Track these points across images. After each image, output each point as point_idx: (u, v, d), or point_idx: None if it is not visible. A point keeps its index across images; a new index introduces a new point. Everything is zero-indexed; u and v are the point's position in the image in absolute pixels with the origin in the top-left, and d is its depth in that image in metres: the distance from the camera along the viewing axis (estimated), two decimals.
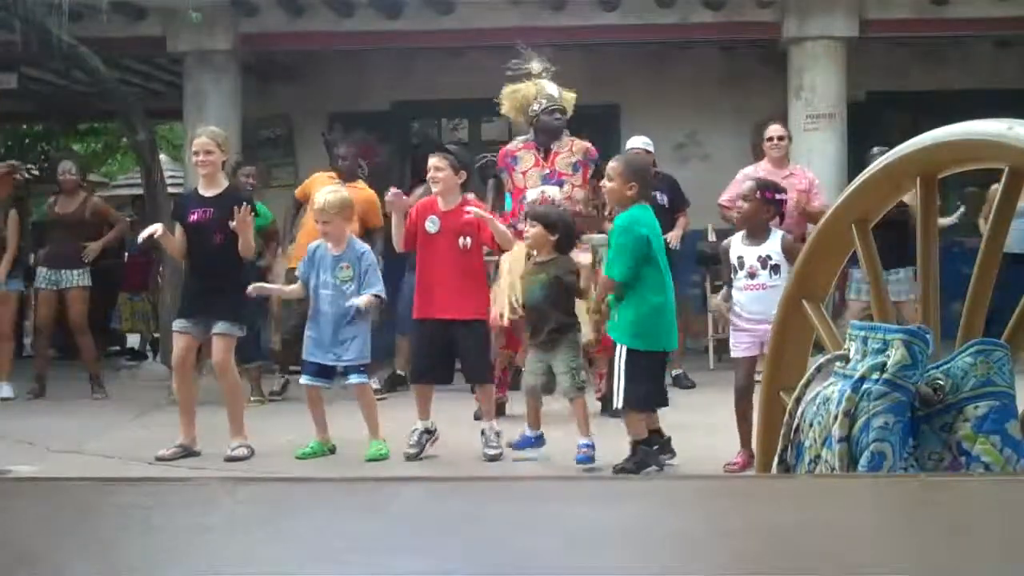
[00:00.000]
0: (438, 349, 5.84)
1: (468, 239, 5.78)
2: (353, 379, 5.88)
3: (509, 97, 6.96)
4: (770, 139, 7.91)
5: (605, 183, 5.47)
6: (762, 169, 7.73)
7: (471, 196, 5.89)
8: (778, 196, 5.52)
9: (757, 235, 5.40)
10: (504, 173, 6.95)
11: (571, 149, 6.90)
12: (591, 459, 5.41)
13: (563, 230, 5.66)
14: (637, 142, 8.33)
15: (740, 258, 5.39)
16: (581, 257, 6.02)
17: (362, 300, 5.77)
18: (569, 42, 9.81)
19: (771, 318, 5.44)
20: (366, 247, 6.14)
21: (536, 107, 6.83)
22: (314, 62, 10.86)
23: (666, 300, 5.33)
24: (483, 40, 9.40)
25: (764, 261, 5.33)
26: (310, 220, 7.77)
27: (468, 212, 5.72)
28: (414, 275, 6.19)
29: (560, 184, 6.79)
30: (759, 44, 10.18)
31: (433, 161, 5.91)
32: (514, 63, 6.94)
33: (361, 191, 7.74)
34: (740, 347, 5.42)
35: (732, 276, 5.43)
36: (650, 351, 5.26)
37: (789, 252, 5.26)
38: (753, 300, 5.30)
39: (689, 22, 9.70)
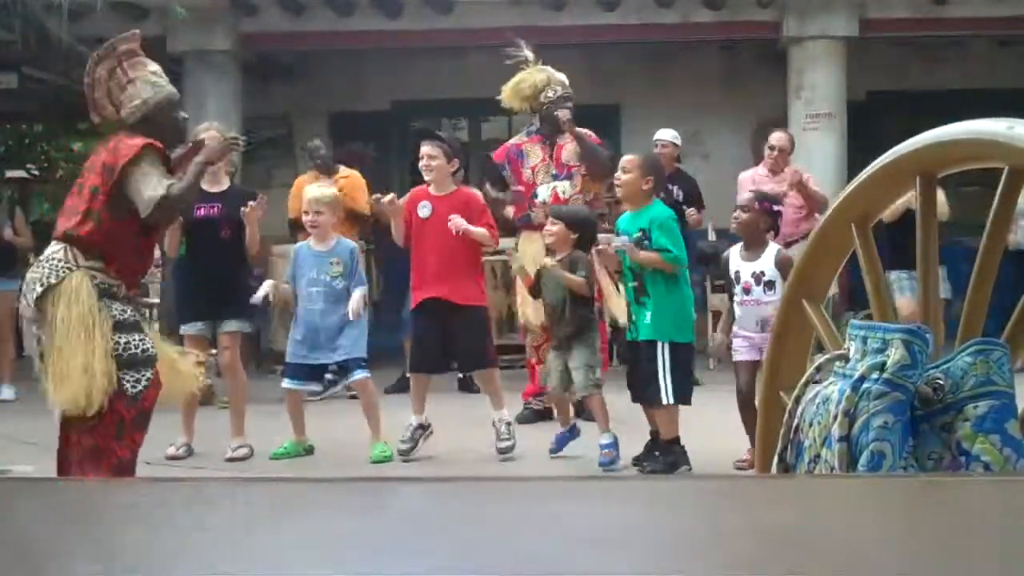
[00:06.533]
0: (435, 337, 5.79)
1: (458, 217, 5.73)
2: (356, 375, 5.85)
3: (516, 86, 6.77)
4: (771, 148, 7.86)
5: (620, 175, 5.46)
6: (759, 174, 7.76)
7: (472, 188, 5.85)
8: (775, 208, 5.58)
9: (753, 248, 5.45)
10: (506, 169, 6.79)
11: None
12: (614, 461, 5.42)
13: (585, 230, 5.69)
14: (666, 135, 8.27)
15: (736, 272, 5.45)
16: (536, 244, 6.03)
17: (356, 300, 5.73)
18: (569, 42, 9.81)
19: (768, 329, 5.51)
20: (354, 243, 6.14)
21: (551, 93, 6.66)
22: (314, 62, 10.86)
23: (690, 291, 5.57)
24: (483, 40, 9.40)
25: (758, 277, 5.39)
26: None
27: (450, 223, 5.66)
28: None
29: (570, 177, 6.71)
30: (759, 44, 10.18)
31: (425, 149, 5.87)
32: (511, 52, 6.87)
33: (346, 178, 8.14)
34: (740, 352, 5.48)
35: (731, 289, 5.49)
36: (688, 343, 5.42)
37: (782, 268, 5.33)
38: (749, 314, 5.37)
39: (689, 22, 9.70)
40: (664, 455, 5.34)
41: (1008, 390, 1.73)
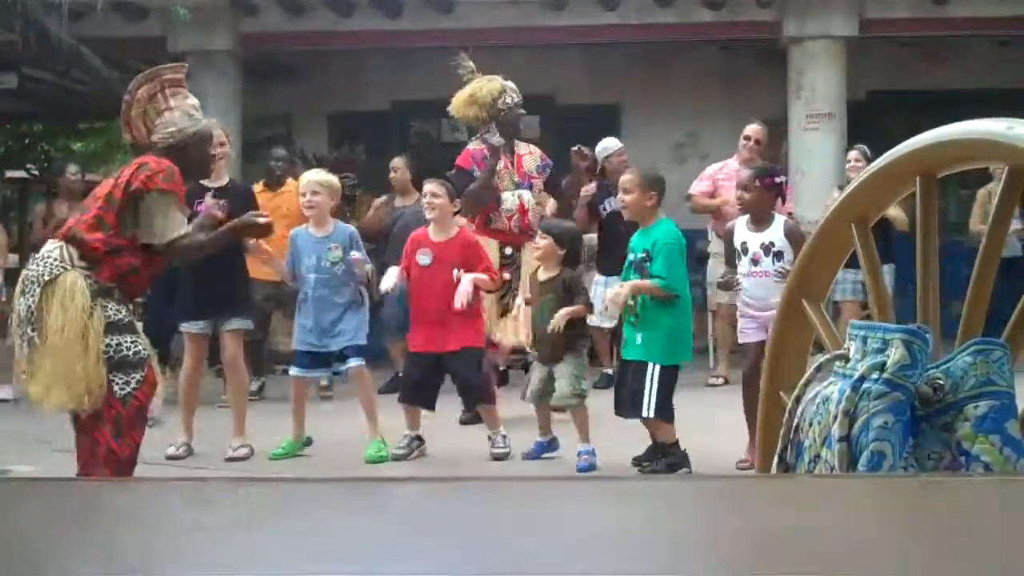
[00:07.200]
0: (429, 378, 5.83)
1: (461, 271, 5.74)
2: (351, 362, 5.83)
3: (471, 95, 6.72)
4: (747, 138, 7.82)
5: (623, 196, 5.43)
6: (729, 166, 7.72)
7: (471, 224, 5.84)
8: (777, 180, 5.55)
9: (760, 221, 5.43)
10: (476, 172, 6.64)
11: (530, 152, 6.86)
12: (592, 467, 5.42)
13: (571, 246, 5.68)
14: (613, 143, 8.29)
15: (744, 244, 5.42)
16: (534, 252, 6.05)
17: (363, 264, 5.80)
18: (569, 42, 9.82)
19: (775, 304, 5.50)
20: (352, 228, 6.13)
21: (508, 100, 6.68)
22: (314, 62, 10.86)
23: (689, 311, 5.49)
24: (483, 40, 9.40)
25: (767, 248, 5.36)
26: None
27: (456, 298, 5.65)
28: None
29: (530, 187, 6.74)
30: (759, 44, 10.18)
31: (430, 187, 5.90)
32: (460, 64, 6.85)
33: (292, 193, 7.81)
34: (747, 333, 5.47)
35: (736, 261, 5.46)
36: (675, 366, 5.37)
37: (792, 238, 5.30)
38: (757, 286, 5.34)
39: (689, 22, 9.70)
40: (664, 457, 5.35)
41: (1008, 390, 1.73)
